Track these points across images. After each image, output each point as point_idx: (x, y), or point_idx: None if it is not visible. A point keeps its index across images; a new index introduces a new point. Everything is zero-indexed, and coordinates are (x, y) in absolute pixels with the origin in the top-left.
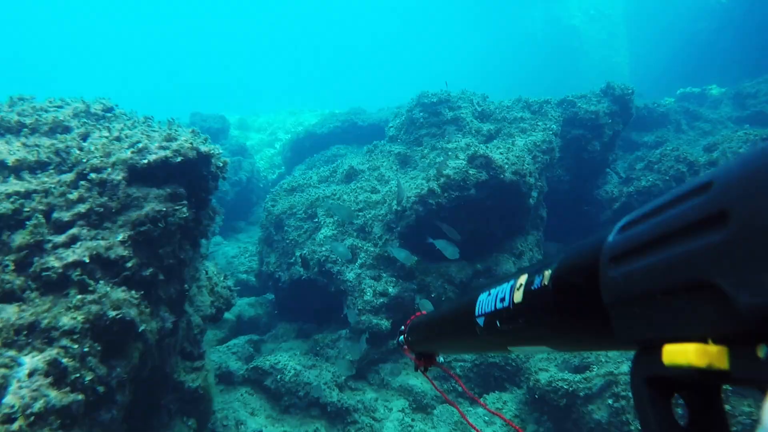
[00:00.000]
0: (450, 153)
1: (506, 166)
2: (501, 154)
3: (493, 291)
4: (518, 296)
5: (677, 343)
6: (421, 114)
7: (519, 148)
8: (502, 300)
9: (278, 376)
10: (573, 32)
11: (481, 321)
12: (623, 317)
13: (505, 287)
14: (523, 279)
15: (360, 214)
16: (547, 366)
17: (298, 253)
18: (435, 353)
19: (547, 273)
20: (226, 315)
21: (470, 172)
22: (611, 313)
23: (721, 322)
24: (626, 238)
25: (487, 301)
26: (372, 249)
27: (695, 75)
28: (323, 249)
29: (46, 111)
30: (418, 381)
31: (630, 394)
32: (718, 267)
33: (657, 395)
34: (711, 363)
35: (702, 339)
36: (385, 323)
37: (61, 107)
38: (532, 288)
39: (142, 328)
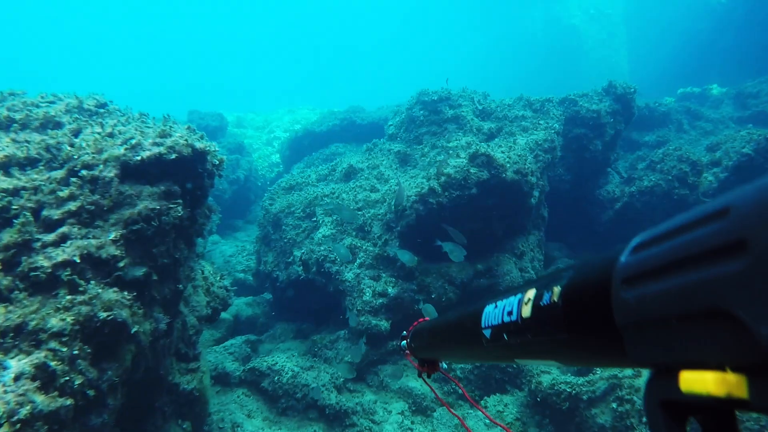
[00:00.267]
0: (451, 151)
1: (508, 165)
2: (503, 152)
3: (499, 303)
4: (526, 311)
5: (694, 369)
6: (421, 112)
7: (521, 147)
8: (510, 313)
9: (276, 378)
10: (573, 32)
11: (487, 333)
12: (637, 339)
13: (513, 301)
14: (531, 293)
15: (359, 213)
16: (549, 368)
17: (297, 253)
18: (438, 360)
19: (557, 289)
20: (223, 315)
21: (471, 170)
22: (624, 335)
23: (740, 352)
24: (640, 261)
25: (493, 314)
26: (371, 249)
27: (695, 75)
28: (322, 248)
29: (38, 106)
30: (417, 383)
31: (635, 398)
32: (736, 297)
33: (671, 418)
34: (730, 392)
35: (720, 366)
36: (384, 324)
37: (53, 103)
38: (541, 303)
39: (134, 329)
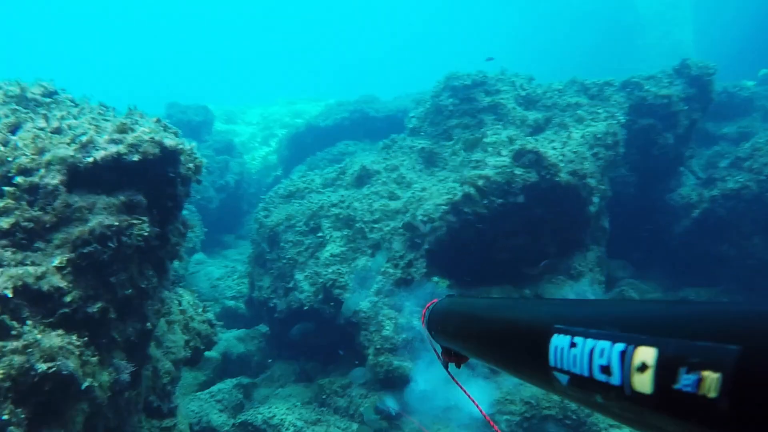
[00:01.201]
0: (489, 148)
1: (561, 165)
2: (554, 149)
3: (583, 342)
4: (642, 384)
5: None
6: (450, 100)
7: (576, 142)
8: (605, 371)
9: None
10: (628, 5)
11: (563, 379)
12: None
13: (608, 350)
14: (647, 355)
15: (375, 226)
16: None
17: (298, 276)
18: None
19: (713, 376)
20: (209, 353)
21: (516, 172)
22: None
23: None
24: None
25: (571, 356)
26: (391, 271)
27: None
28: (329, 271)
29: None
30: None
31: None
32: None
33: None
34: None
35: None
36: (408, 365)
37: None
38: (678, 387)
39: (86, 383)
